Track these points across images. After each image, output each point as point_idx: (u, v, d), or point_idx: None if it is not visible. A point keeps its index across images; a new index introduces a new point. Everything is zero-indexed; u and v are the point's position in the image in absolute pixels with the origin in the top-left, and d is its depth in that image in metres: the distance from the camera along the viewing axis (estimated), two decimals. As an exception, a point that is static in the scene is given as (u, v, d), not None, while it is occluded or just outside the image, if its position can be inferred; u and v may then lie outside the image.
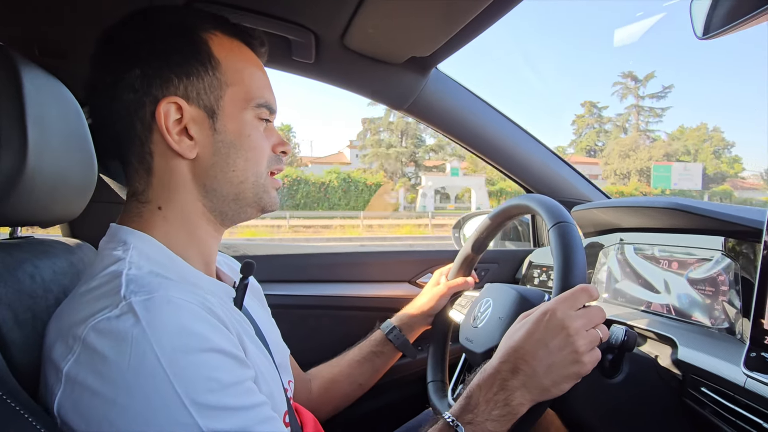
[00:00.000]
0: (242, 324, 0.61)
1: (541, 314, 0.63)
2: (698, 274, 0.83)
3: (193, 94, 0.59)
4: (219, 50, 0.60)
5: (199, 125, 0.59)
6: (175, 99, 0.57)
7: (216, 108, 0.60)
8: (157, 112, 0.57)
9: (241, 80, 0.61)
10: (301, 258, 1.36)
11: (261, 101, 0.63)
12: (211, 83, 0.59)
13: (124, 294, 0.48)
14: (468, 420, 0.61)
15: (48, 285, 0.61)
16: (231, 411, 0.48)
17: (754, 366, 0.60)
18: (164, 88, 0.57)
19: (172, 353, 0.46)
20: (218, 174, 0.61)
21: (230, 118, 0.61)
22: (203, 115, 0.59)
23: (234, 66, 0.61)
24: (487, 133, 1.30)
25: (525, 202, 0.83)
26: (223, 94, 0.60)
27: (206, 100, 0.59)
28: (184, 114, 0.58)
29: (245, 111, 0.62)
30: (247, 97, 0.62)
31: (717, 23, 0.55)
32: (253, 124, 0.63)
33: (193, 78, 0.58)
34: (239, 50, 0.63)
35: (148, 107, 0.57)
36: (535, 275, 1.31)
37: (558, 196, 1.33)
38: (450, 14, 0.87)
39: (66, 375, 0.46)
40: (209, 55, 0.59)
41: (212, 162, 0.60)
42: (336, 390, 0.98)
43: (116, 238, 0.58)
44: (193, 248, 0.62)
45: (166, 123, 0.57)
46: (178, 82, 0.58)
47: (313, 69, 1.14)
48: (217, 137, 0.60)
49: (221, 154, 0.60)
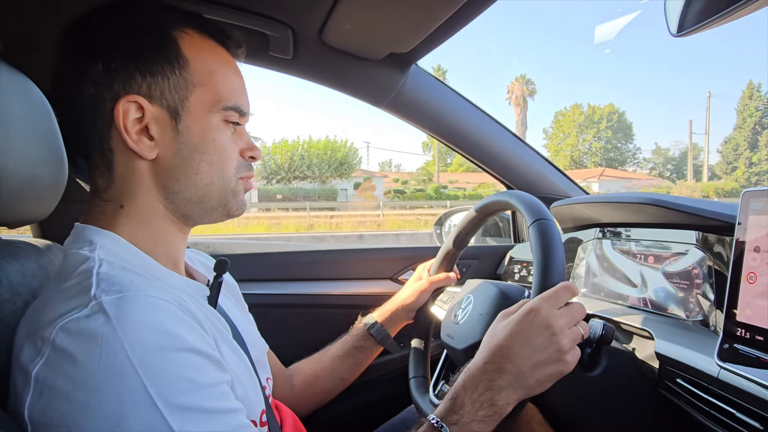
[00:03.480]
0: (217, 323, 0.60)
1: (525, 313, 0.63)
2: (673, 268, 0.85)
3: (156, 93, 0.56)
4: (189, 49, 0.58)
5: (160, 126, 0.57)
6: (136, 98, 0.55)
7: (180, 109, 0.58)
8: (116, 110, 0.55)
9: (210, 81, 0.59)
10: (281, 256, 1.34)
11: (229, 104, 0.61)
12: (177, 83, 0.57)
13: (95, 293, 0.47)
14: (453, 421, 0.60)
15: (16, 288, 0.59)
16: (205, 413, 0.47)
17: (726, 357, 0.61)
18: (126, 85, 0.55)
19: (143, 352, 0.44)
20: (181, 176, 0.59)
21: (195, 120, 0.59)
22: (166, 116, 0.57)
23: (204, 66, 0.59)
24: (467, 129, 1.30)
25: (506, 199, 0.83)
26: (189, 95, 0.58)
27: (170, 100, 0.57)
28: (145, 113, 0.56)
29: (212, 114, 0.60)
30: (215, 99, 0.60)
31: (691, 20, 0.56)
32: (218, 127, 0.60)
33: (158, 77, 0.56)
34: (212, 50, 0.61)
35: (108, 103, 0.55)
36: (516, 271, 1.32)
37: (537, 192, 1.34)
38: (429, 10, 0.87)
39: (35, 378, 0.44)
40: (177, 53, 0.57)
41: (174, 164, 0.58)
42: (318, 385, 0.98)
43: (81, 237, 0.56)
44: (159, 247, 0.60)
45: (124, 122, 0.55)
46: (141, 80, 0.56)
47: (292, 65, 1.12)
48: (180, 139, 0.58)
49: (183, 156, 0.58)
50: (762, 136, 41.35)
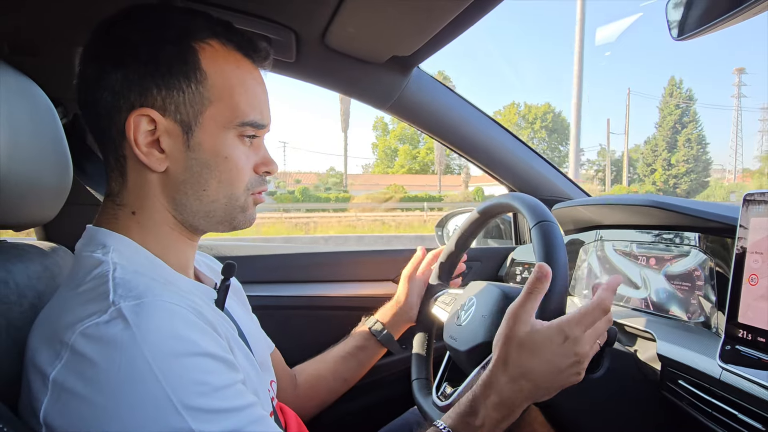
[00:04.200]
0: (225, 326, 0.61)
1: (556, 334, 0.62)
2: (675, 270, 0.85)
3: (171, 107, 0.56)
4: (209, 62, 0.57)
5: (172, 139, 0.57)
6: (148, 111, 0.55)
7: (193, 124, 0.57)
8: (128, 123, 0.55)
9: (228, 96, 0.58)
10: (283, 258, 1.34)
11: (246, 120, 0.59)
12: (193, 98, 0.56)
13: (113, 299, 0.47)
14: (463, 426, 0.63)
15: (22, 290, 0.60)
16: (223, 413, 0.47)
17: (729, 359, 0.61)
18: (142, 97, 0.55)
19: (162, 358, 0.45)
20: (188, 191, 0.59)
21: (208, 136, 0.58)
22: (178, 130, 0.57)
23: (223, 81, 0.58)
24: (470, 132, 1.31)
25: (508, 201, 0.83)
26: (204, 110, 0.57)
27: (184, 114, 0.56)
28: (157, 126, 0.56)
29: (226, 130, 0.58)
30: (232, 115, 0.58)
31: (692, 24, 0.56)
32: (233, 144, 0.59)
33: (174, 91, 0.55)
34: (235, 62, 0.59)
35: (123, 114, 0.55)
36: (518, 272, 1.32)
37: (539, 194, 1.35)
38: (431, 13, 0.87)
39: (53, 381, 0.45)
40: (196, 67, 0.56)
41: (183, 178, 0.58)
42: (321, 386, 0.98)
43: (94, 240, 0.57)
44: (169, 253, 0.61)
45: (135, 135, 0.55)
46: (156, 93, 0.55)
47: (294, 68, 1.13)
48: (191, 154, 0.57)
49: (193, 172, 0.58)
50: (681, 135, 39.07)
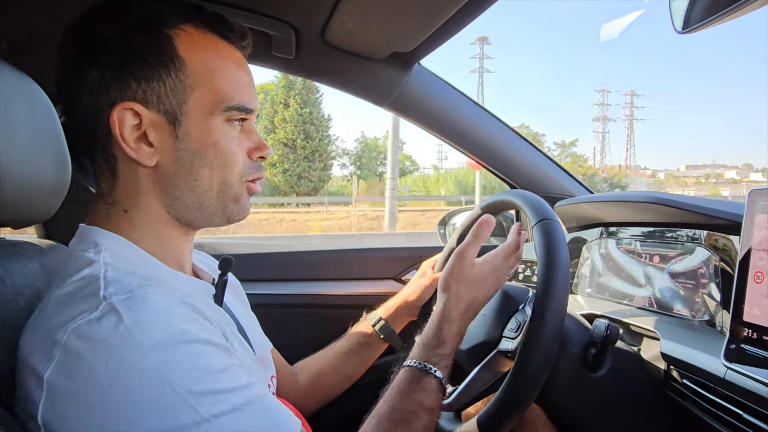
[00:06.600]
0: (224, 321, 0.60)
1: (489, 268, 0.77)
2: (679, 268, 0.84)
3: (153, 99, 0.55)
4: (186, 48, 0.56)
5: (159, 131, 0.56)
6: (131, 105, 0.54)
7: (179, 113, 0.56)
8: (111, 119, 0.54)
9: (210, 81, 0.57)
10: (284, 256, 1.34)
11: (232, 103, 0.58)
12: (174, 87, 0.55)
13: (104, 295, 0.47)
14: (438, 358, 0.70)
15: (19, 288, 0.59)
16: (228, 392, 0.48)
17: (733, 358, 0.60)
18: (122, 92, 0.54)
19: (158, 349, 0.45)
20: (181, 183, 0.58)
21: (195, 124, 0.57)
22: (164, 121, 0.56)
23: (203, 66, 0.56)
24: (471, 128, 1.30)
25: (510, 198, 0.83)
26: (188, 99, 0.56)
27: (167, 104, 0.55)
28: (142, 119, 0.55)
29: (213, 116, 0.57)
30: (216, 99, 0.57)
31: (696, 17, 0.55)
32: (221, 129, 0.58)
33: (153, 81, 0.54)
34: (213, 46, 0.58)
35: (105, 112, 0.54)
36: (520, 270, 1.31)
37: (541, 191, 1.33)
38: (432, 9, 0.86)
39: (48, 382, 0.44)
40: (173, 55, 0.55)
41: (174, 170, 0.57)
42: (323, 382, 0.98)
43: (87, 239, 0.56)
44: (164, 250, 0.60)
45: (121, 130, 0.54)
46: (136, 86, 0.54)
47: (294, 65, 1.12)
48: (179, 145, 0.56)
49: (184, 163, 0.57)
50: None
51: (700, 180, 47.64)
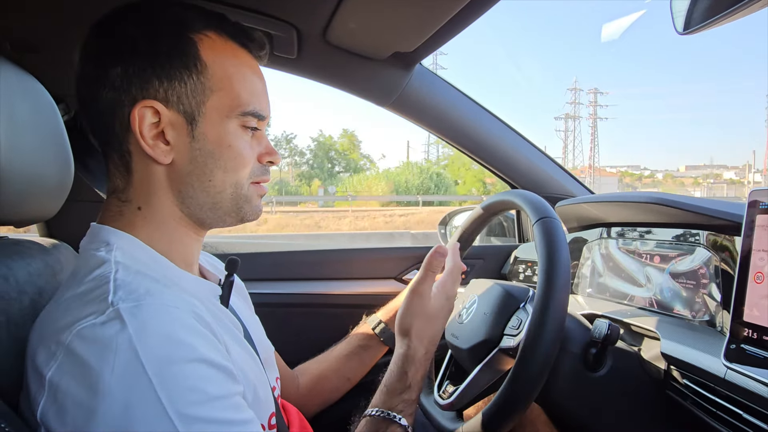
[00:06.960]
0: (229, 325, 0.60)
1: (444, 298, 0.77)
2: (680, 268, 0.84)
3: (173, 98, 0.56)
4: (208, 53, 0.58)
5: (176, 130, 0.57)
6: (152, 103, 0.55)
7: (197, 114, 0.57)
8: (132, 115, 0.55)
9: (229, 86, 0.58)
10: (286, 255, 1.34)
11: (248, 109, 0.60)
12: (194, 88, 0.57)
13: (112, 300, 0.47)
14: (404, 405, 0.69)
15: (22, 286, 0.60)
16: (217, 424, 0.46)
17: (733, 358, 0.61)
18: (144, 90, 0.55)
19: (158, 362, 0.44)
20: (194, 182, 0.59)
21: (211, 126, 0.58)
22: (182, 121, 0.57)
23: (222, 71, 0.58)
24: (472, 129, 1.30)
25: (510, 198, 0.83)
26: (206, 100, 0.57)
27: (187, 105, 0.57)
28: (161, 118, 0.56)
29: (229, 119, 0.59)
30: (233, 104, 0.59)
31: (697, 18, 0.55)
32: (236, 133, 0.60)
33: (175, 82, 0.56)
34: (233, 53, 0.60)
35: (127, 108, 0.55)
36: (521, 270, 1.31)
37: (542, 192, 1.34)
38: (433, 9, 0.87)
39: (49, 382, 0.44)
40: (196, 58, 0.57)
41: (189, 170, 0.58)
42: (324, 385, 0.97)
43: (98, 238, 0.57)
44: (174, 249, 0.60)
45: (140, 127, 0.55)
46: (158, 85, 0.55)
47: (295, 65, 1.12)
48: (195, 145, 0.58)
49: (198, 162, 0.58)
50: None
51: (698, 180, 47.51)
